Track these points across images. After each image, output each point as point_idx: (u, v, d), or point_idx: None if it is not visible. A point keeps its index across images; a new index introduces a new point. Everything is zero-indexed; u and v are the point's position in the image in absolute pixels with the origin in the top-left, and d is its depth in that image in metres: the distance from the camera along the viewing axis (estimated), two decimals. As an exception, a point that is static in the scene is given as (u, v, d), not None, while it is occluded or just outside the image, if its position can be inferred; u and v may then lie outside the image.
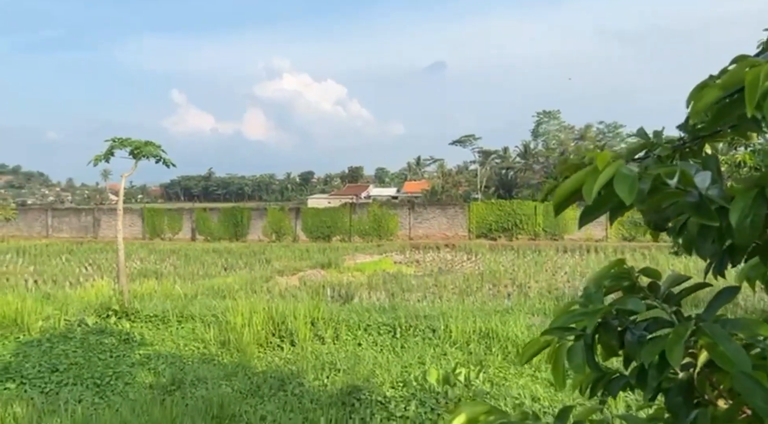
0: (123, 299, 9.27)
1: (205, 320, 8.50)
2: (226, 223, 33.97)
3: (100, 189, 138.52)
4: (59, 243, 32.56)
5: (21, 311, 8.25)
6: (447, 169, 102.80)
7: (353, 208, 33.24)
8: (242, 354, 7.11)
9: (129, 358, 6.99)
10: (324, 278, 19.18)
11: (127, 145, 9.25)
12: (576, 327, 1.38)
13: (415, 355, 6.79)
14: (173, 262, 26.33)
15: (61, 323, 8.34)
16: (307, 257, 25.98)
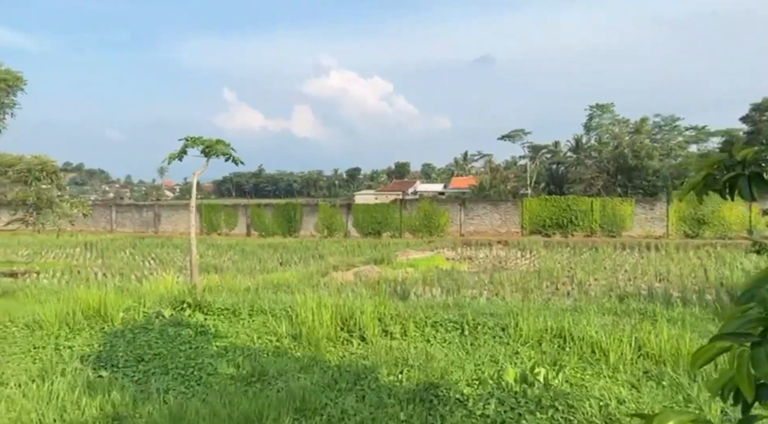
0: (196, 292, 9.64)
1: (275, 313, 8.72)
2: (279, 218, 34.67)
3: (157, 186, 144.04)
4: (123, 237, 34.10)
5: (104, 303, 8.69)
6: (495, 164, 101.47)
7: (403, 204, 33.28)
8: (314, 348, 7.26)
9: (207, 349, 7.25)
10: (378, 274, 19.31)
11: (199, 144, 9.59)
12: (753, 333, 1.35)
13: (487, 353, 6.75)
14: (231, 256, 27.10)
15: (140, 315, 8.74)
16: (360, 253, 26.23)
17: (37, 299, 10.16)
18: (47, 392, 5.51)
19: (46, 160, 11.68)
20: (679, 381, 5.58)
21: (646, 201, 31.24)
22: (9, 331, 8.10)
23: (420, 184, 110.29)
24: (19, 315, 8.84)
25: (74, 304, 8.83)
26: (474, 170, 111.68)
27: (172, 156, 9.70)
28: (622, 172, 59.14)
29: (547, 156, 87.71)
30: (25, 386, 5.72)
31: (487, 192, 73.01)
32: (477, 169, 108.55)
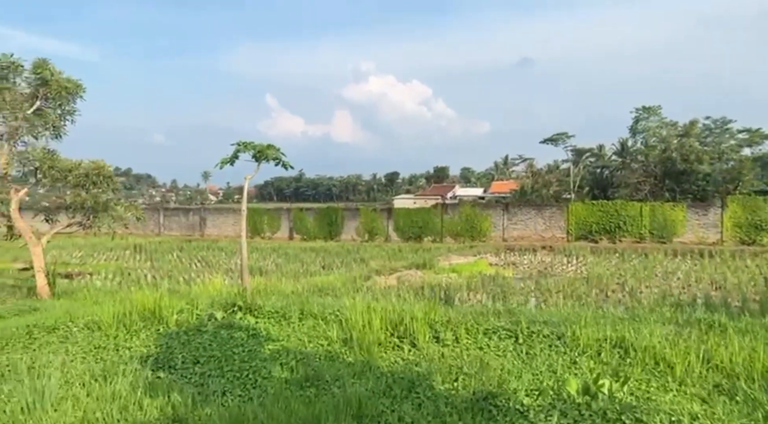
0: (246, 295, 9.75)
1: (325, 317, 8.72)
2: (321, 222, 34.98)
3: (201, 190, 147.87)
4: (170, 240, 35.07)
5: (159, 305, 8.89)
6: (537, 168, 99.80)
7: (444, 209, 33.05)
8: (366, 353, 7.21)
9: (260, 352, 7.30)
10: (421, 279, 19.18)
11: (250, 149, 9.72)
12: None
13: (544, 362, 6.55)
14: (274, 260, 27.46)
15: (194, 317, 8.89)
16: (401, 258, 26.15)
17: (94, 300, 10.49)
18: (110, 392, 5.63)
19: (102, 165, 12.07)
20: (754, 396, 5.27)
21: (698, 206, 30.05)
22: (71, 331, 8.37)
23: (459, 189, 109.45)
24: (78, 315, 9.13)
25: (130, 306, 9.06)
26: (515, 174, 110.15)
27: (224, 161, 9.88)
28: (670, 177, 57.15)
29: (591, 160, 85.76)
30: (89, 385, 5.87)
31: (528, 196, 71.84)
32: (518, 173, 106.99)
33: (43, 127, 11.79)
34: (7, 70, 11.57)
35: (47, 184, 12.34)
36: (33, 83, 11.80)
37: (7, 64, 11.52)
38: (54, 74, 11.58)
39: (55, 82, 11.60)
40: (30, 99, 11.78)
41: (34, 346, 7.72)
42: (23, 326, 8.54)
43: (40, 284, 12.12)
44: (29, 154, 11.70)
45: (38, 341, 7.95)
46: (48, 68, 11.51)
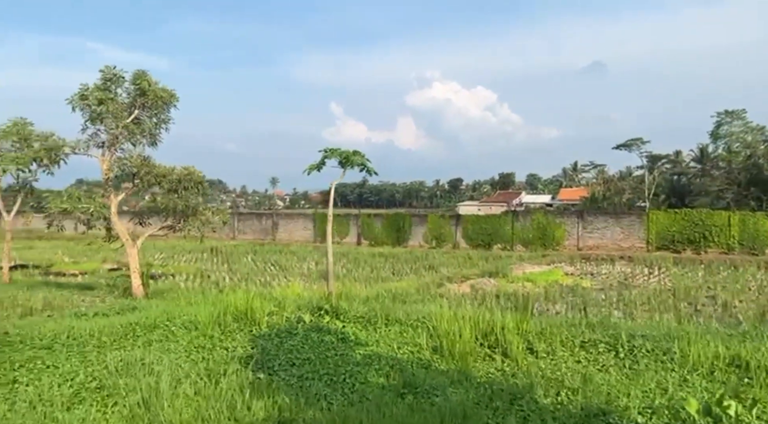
0: (332, 299, 9.89)
1: (411, 324, 8.68)
2: (388, 228, 35.13)
3: (269, 195, 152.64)
4: (244, 244, 36.32)
5: (251, 307, 9.15)
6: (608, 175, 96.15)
7: (516, 216, 32.34)
8: (458, 362, 7.09)
9: (351, 357, 7.33)
10: (495, 287, 18.81)
11: (336, 155, 9.86)
12: None
13: (652, 379, 6.20)
14: (344, 264, 27.77)
15: (283, 320, 9.09)
16: (471, 265, 25.80)
17: (188, 300, 10.94)
18: (217, 391, 5.81)
19: (193, 171, 12.63)
20: None
21: (795, 216, 27.84)
22: (170, 330, 8.75)
23: (526, 196, 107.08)
24: (175, 315, 9.54)
25: (223, 307, 9.38)
26: (584, 181, 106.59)
27: (311, 167, 10.08)
28: (755, 184, 53.45)
29: (667, 166, 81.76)
30: (196, 383, 6.08)
31: (600, 204, 69.29)
32: (588, 179, 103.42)
33: (141, 135, 12.50)
34: (110, 81, 12.36)
35: (143, 189, 13.05)
36: (132, 94, 12.54)
37: (110, 76, 12.31)
38: (151, 85, 12.26)
39: (152, 92, 12.27)
40: (129, 108, 12.52)
41: (138, 343, 8.11)
42: (127, 324, 9.00)
43: (135, 284, 12.80)
44: (128, 161, 12.42)
45: (141, 338, 8.36)
46: (146, 79, 12.20)
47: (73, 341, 8.10)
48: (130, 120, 12.43)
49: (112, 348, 7.73)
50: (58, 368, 6.85)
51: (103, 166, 12.53)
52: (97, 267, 26.21)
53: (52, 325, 9.10)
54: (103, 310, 10.57)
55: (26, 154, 13.87)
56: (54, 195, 12.15)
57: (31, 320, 9.66)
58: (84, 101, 12.18)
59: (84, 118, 12.43)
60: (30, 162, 13.85)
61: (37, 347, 7.80)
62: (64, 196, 11.88)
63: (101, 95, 12.05)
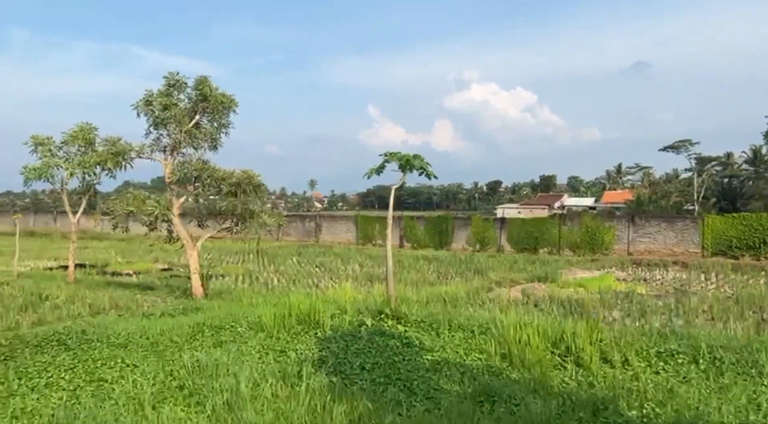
0: (392, 302, 9.88)
1: (474, 329, 8.59)
2: (431, 231, 34.98)
3: (308, 197, 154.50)
4: (288, 245, 36.77)
5: (315, 309, 9.23)
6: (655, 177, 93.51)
7: (563, 219, 31.71)
8: (530, 370, 6.96)
9: (419, 362, 7.30)
10: (547, 293, 18.46)
11: (396, 159, 9.86)
12: None
13: (742, 393, 5.94)
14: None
15: (346, 323, 9.13)
16: (518, 269, 25.39)
17: (249, 301, 11.13)
18: (295, 394, 5.87)
19: (252, 175, 12.85)
20: None
21: None
22: (236, 331, 8.91)
23: (568, 198, 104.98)
24: (239, 316, 9.71)
25: (285, 309, 9.50)
26: (629, 184, 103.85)
27: (372, 170, 10.12)
28: None
29: (717, 169, 78.93)
30: (273, 386, 6.15)
31: (646, 207, 67.33)
32: (633, 182, 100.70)
33: (203, 140, 12.81)
34: (172, 87, 12.72)
35: (203, 193, 13.37)
36: (193, 99, 12.87)
37: (173, 82, 12.67)
38: (212, 90, 12.55)
39: (213, 97, 12.55)
40: (190, 113, 12.85)
41: (208, 343, 8.27)
42: (194, 325, 9.22)
43: (195, 285, 13.11)
44: (189, 165, 12.74)
45: (210, 339, 8.53)
46: (208, 85, 12.50)
47: (146, 341, 8.34)
48: (191, 125, 12.75)
49: (185, 348, 7.91)
50: (138, 366, 7.05)
51: (166, 169, 12.90)
52: (150, 267, 26.99)
53: (124, 324, 9.41)
54: (168, 310, 10.86)
55: (92, 158, 14.42)
56: (120, 197, 12.57)
57: (103, 319, 10.00)
58: (148, 107, 12.57)
59: (148, 123, 12.84)
60: (95, 165, 14.38)
61: (114, 346, 8.07)
62: (130, 198, 12.27)
63: (165, 101, 12.41)
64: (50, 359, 7.21)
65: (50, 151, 14.51)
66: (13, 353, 7.71)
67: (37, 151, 14.62)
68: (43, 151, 14.52)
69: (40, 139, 14.70)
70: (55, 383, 6.39)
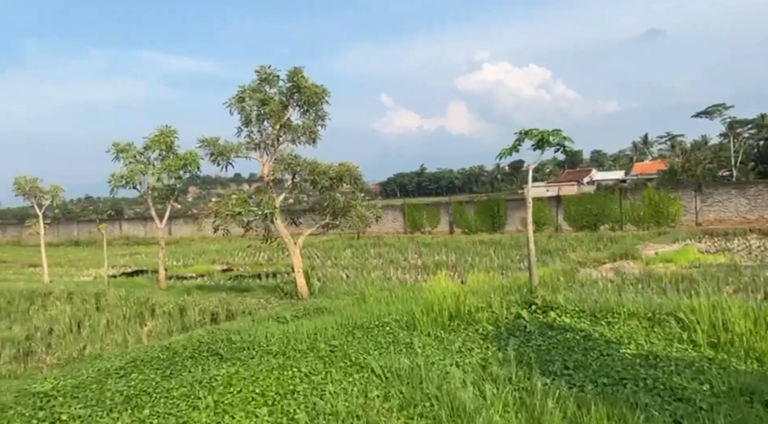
0: (537, 292, 9.29)
1: (651, 315, 7.95)
2: (482, 215, 34.25)
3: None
4: (336, 238, 36.26)
5: (463, 303, 8.67)
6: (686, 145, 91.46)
7: (623, 193, 30.75)
8: (760, 362, 6.29)
9: (619, 356, 6.69)
10: (638, 270, 17.70)
11: (532, 137, 9.20)
12: None
13: None
14: (446, 254, 27.12)
15: (503, 317, 8.54)
16: (586, 248, 24.58)
17: (379, 299, 10.58)
18: (498, 397, 5.31)
19: (351, 167, 12.28)
20: None
21: None
22: (388, 331, 8.37)
23: (597, 173, 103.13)
24: (376, 315, 9.18)
25: (424, 303, 8.96)
26: (657, 154, 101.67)
27: (505, 151, 9.49)
28: None
29: (751, 132, 76.73)
30: (483, 392, 5.57)
31: (679, 176, 65.68)
32: (662, 152, 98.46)
33: (301, 134, 12.25)
34: (264, 81, 12.16)
35: (302, 188, 12.86)
36: (285, 92, 12.29)
37: (265, 76, 12.11)
38: (306, 81, 11.95)
39: (306, 88, 11.96)
40: (284, 108, 12.28)
41: (370, 345, 7.73)
42: (337, 326, 8.71)
43: (300, 284, 12.63)
44: (289, 160, 12.20)
45: (368, 340, 7.98)
46: (302, 76, 11.90)
47: (302, 346, 7.84)
48: (286, 119, 12.20)
49: (350, 352, 7.38)
50: (317, 374, 6.53)
51: (264, 168, 12.38)
52: (210, 269, 26.71)
53: (263, 329, 8.92)
54: (292, 312, 10.37)
55: (174, 161, 13.99)
56: (223, 199, 12.09)
57: (234, 325, 9.53)
58: (241, 103, 12.04)
59: (240, 121, 12.31)
60: (180, 169, 13.95)
61: (271, 354, 7.58)
62: (233, 200, 11.80)
63: (261, 96, 11.87)
64: (224, 372, 6.72)
65: (134, 157, 14.10)
66: (174, 366, 7.28)
67: (119, 158, 14.23)
68: (126, 158, 14.13)
69: (121, 146, 14.29)
70: (249, 399, 5.89)
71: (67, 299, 13.68)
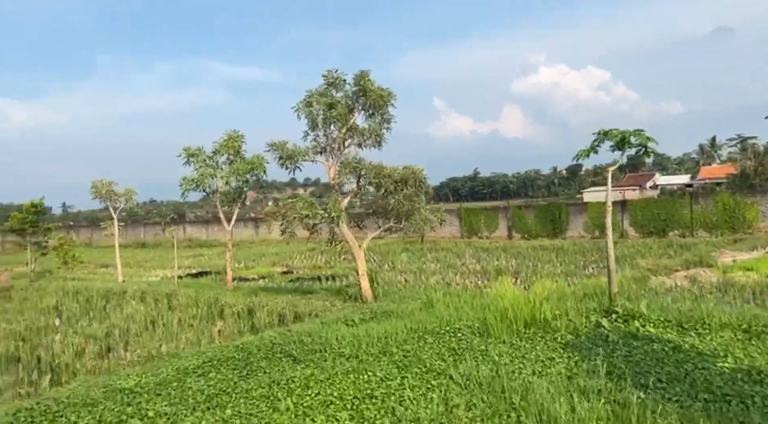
0: (616, 299, 8.86)
1: (746, 327, 7.39)
2: (543, 219, 33.38)
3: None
4: (392, 242, 36.29)
5: (540, 310, 8.34)
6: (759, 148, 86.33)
7: (694, 198, 29.22)
8: None
9: (709, 371, 6.21)
10: (716, 278, 16.68)
11: (611, 137, 8.78)
12: None
13: None
14: (506, 259, 26.51)
15: (582, 325, 8.18)
16: (657, 255, 23.47)
17: (443, 303, 10.40)
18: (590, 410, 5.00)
19: (416, 170, 12.17)
20: None
21: None
22: (460, 337, 8.16)
23: (660, 177, 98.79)
24: (446, 321, 8.98)
25: (496, 309, 8.69)
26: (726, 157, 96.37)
27: (582, 152, 9.11)
28: None
29: (835, 132, 71.56)
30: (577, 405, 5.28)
31: (752, 181, 61.94)
32: (732, 155, 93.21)
33: (367, 137, 12.26)
34: (331, 85, 12.25)
35: (367, 191, 12.87)
36: (352, 96, 12.32)
37: (332, 80, 12.19)
38: (372, 85, 11.94)
39: (372, 92, 11.95)
40: (350, 111, 12.32)
41: (442, 351, 7.55)
42: (407, 331, 8.58)
43: (365, 287, 12.60)
44: (353, 164, 12.22)
45: (439, 346, 7.81)
46: (369, 79, 11.91)
47: (373, 349, 7.75)
48: (352, 122, 12.24)
49: (425, 358, 7.22)
50: (393, 379, 6.40)
51: (330, 171, 12.46)
52: (271, 271, 27.20)
53: (332, 332, 8.90)
54: (361, 315, 10.31)
55: (242, 165, 14.30)
56: (291, 203, 12.25)
57: (304, 327, 9.57)
58: (309, 108, 12.17)
59: (307, 125, 12.44)
60: (248, 172, 14.24)
61: (344, 357, 7.52)
62: (301, 202, 11.92)
63: (328, 100, 11.95)
64: (299, 373, 6.71)
65: (204, 162, 14.52)
66: (249, 366, 7.34)
67: (189, 162, 14.69)
68: (197, 162, 14.57)
69: (191, 151, 14.76)
70: (328, 402, 5.83)
71: (140, 299, 14.21)
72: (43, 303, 15.11)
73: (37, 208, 22.90)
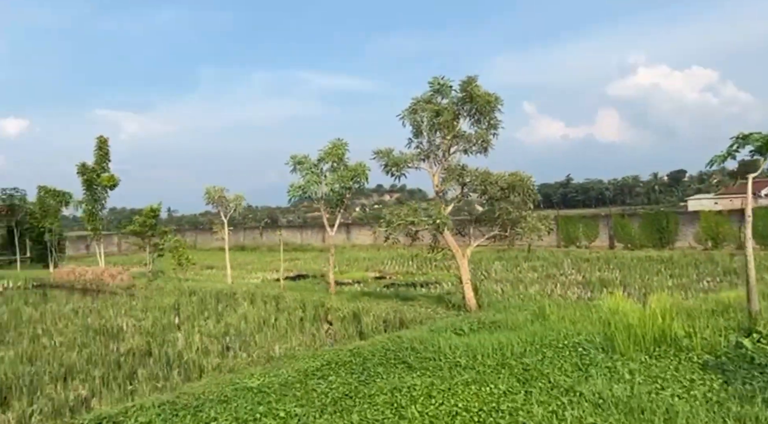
0: (758, 318, 8.07)
1: None
2: (648, 229, 31.39)
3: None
4: (482, 251, 35.61)
5: (669, 327, 7.78)
6: None
7: (830, 207, 26.26)
8: None
9: None
10: None
11: (752, 141, 8.04)
12: None
13: None
14: (611, 271, 25.11)
15: (721, 344, 7.52)
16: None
17: (558, 315, 10.00)
18: None
19: (524, 177, 11.84)
20: None
21: None
22: (581, 352, 7.77)
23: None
24: (563, 334, 8.61)
25: (619, 323, 8.20)
26: None
27: (718, 157, 8.46)
28: None
29: None
30: None
31: None
32: None
33: (473, 143, 12.13)
34: (437, 92, 12.25)
35: (472, 199, 12.73)
36: (457, 102, 12.25)
37: (438, 87, 12.19)
38: (479, 90, 11.79)
39: (480, 97, 11.79)
40: (455, 117, 12.24)
41: (566, 366, 7.22)
42: (521, 343, 8.30)
43: (468, 296, 12.42)
44: (458, 170, 12.12)
45: (554, 361, 7.48)
46: (476, 85, 11.78)
47: (490, 361, 7.56)
48: (458, 128, 12.16)
49: (546, 372, 6.92)
50: (516, 393, 6.19)
51: (434, 178, 12.45)
52: (365, 276, 27.60)
53: (443, 340, 8.79)
54: (469, 325, 10.13)
55: (344, 172, 14.66)
56: (397, 210, 12.35)
57: (414, 334, 9.54)
58: (414, 115, 12.23)
59: (411, 132, 12.51)
60: (351, 179, 14.56)
61: (461, 366, 7.40)
62: (406, 209, 11.99)
63: (434, 107, 11.97)
64: (419, 382, 6.67)
65: (310, 169, 15.04)
66: (367, 371, 7.41)
67: (296, 170, 15.28)
68: (303, 169, 15.13)
69: (298, 159, 15.34)
70: (454, 413, 5.73)
71: (250, 300, 14.90)
72: (164, 302, 16.25)
73: (155, 212, 24.80)
